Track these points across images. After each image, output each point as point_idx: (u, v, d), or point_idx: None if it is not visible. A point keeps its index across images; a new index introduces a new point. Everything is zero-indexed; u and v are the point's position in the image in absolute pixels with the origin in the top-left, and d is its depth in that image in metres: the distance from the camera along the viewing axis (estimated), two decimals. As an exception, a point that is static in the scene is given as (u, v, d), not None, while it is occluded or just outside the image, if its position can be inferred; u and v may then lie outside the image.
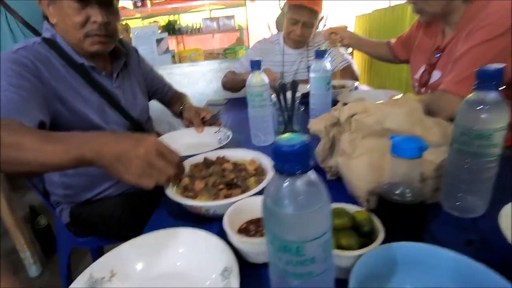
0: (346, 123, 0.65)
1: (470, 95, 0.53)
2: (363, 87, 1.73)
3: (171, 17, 3.69)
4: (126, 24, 3.21)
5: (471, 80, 0.49)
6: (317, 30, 1.89)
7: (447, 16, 1.05)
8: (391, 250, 0.44)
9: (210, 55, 3.27)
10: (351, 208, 0.54)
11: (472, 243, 0.52)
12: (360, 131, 0.64)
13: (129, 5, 3.30)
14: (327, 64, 1.05)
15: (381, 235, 0.47)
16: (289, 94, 0.86)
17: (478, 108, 0.51)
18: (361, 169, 0.62)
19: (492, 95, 0.50)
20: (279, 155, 0.29)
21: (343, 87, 1.49)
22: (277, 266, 0.32)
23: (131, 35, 2.65)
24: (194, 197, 0.64)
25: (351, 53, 3.76)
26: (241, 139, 1.04)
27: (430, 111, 1.06)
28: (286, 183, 0.29)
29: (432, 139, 0.61)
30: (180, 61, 3.17)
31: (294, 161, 0.29)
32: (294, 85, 0.82)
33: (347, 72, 1.71)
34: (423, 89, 1.20)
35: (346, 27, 1.65)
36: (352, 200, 0.64)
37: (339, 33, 1.47)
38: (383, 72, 2.90)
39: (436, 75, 1.15)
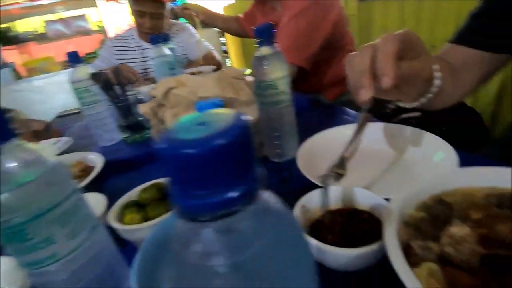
0: (164, 99, 0.64)
1: (256, 51, 0.59)
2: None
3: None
4: None
5: (296, 45, 0.56)
6: (179, 21, 1.85)
7: None
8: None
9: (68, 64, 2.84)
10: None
11: (285, 181, 0.60)
12: (180, 104, 0.64)
13: None
14: (166, 48, 1.03)
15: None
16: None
17: (263, 62, 0.57)
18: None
19: (269, 49, 0.57)
20: (176, 170, 0.13)
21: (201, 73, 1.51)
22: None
23: None
24: None
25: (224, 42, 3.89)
26: (89, 143, 0.93)
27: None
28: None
29: (245, 98, 0.66)
30: (30, 75, 2.65)
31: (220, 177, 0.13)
32: (117, 72, 0.76)
33: (209, 59, 1.74)
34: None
35: (197, 4, 1.67)
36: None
37: (192, 8, 1.48)
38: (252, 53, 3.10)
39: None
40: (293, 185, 0.57)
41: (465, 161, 0.45)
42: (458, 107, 1.03)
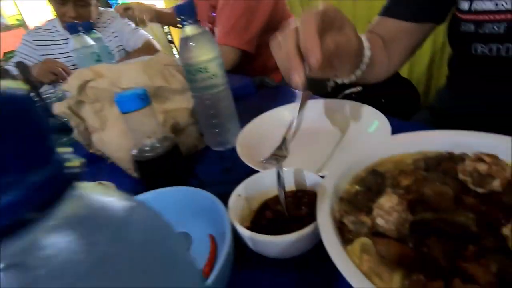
0: (82, 94, 0.56)
1: (181, 32, 0.53)
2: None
3: None
4: None
5: (236, 28, 0.51)
6: (111, 9, 1.68)
7: None
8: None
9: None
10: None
11: (228, 170, 0.56)
12: (102, 98, 0.56)
13: None
14: (88, 38, 0.92)
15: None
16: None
17: (189, 44, 0.52)
18: (116, 140, 0.56)
19: (195, 29, 0.52)
20: None
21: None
22: None
23: None
24: None
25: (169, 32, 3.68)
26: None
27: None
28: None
29: (177, 86, 0.60)
30: None
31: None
32: (22, 68, 0.65)
33: (148, 49, 1.62)
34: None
35: (139, 2, 1.52)
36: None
37: (135, 8, 1.34)
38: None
39: (218, 32, 1.22)
40: (236, 174, 0.53)
41: (400, 129, 0.45)
42: (395, 80, 1.09)
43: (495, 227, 0.24)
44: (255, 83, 1.11)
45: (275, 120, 0.60)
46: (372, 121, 0.52)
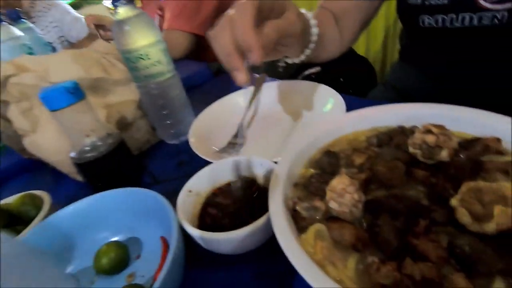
0: (3, 92, 0.48)
1: (115, 15, 0.47)
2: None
3: None
4: None
5: (186, 12, 0.45)
6: None
7: None
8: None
9: None
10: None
11: (182, 164, 0.53)
12: (28, 96, 0.49)
13: None
14: (16, 29, 0.81)
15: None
16: None
17: (124, 27, 0.46)
18: (52, 142, 0.50)
19: (130, 10, 0.46)
20: None
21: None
22: None
23: None
24: None
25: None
26: None
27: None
28: None
29: (119, 77, 0.55)
30: None
31: None
32: None
33: (95, 38, 1.48)
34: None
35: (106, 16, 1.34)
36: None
37: (107, 24, 1.21)
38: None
39: (167, 17, 1.14)
40: (193, 167, 0.50)
41: (356, 106, 0.44)
42: (352, 58, 1.09)
43: (444, 198, 0.24)
44: (212, 70, 1.06)
45: (230, 107, 0.57)
46: (327, 100, 0.51)
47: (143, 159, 0.57)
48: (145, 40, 0.47)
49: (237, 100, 0.58)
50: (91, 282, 0.33)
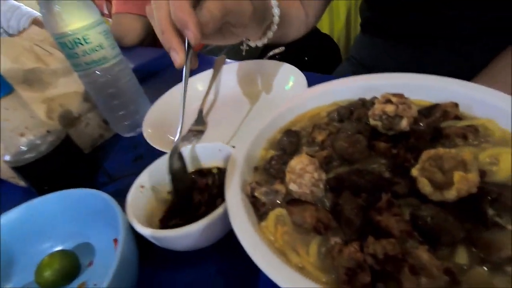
0: None
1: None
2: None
3: None
4: None
5: None
6: None
7: None
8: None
9: None
10: None
11: (140, 158, 0.49)
12: None
13: None
14: None
15: None
16: None
17: (54, 7, 0.40)
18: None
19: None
20: None
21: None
22: None
23: None
24: None
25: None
26: None
27: (119, 39, 0.97)
28: None
29: (57, 66, 0.49)
30: None
31: None
32: None
33: (39, 28, 1.34)
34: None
35: None
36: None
37: None
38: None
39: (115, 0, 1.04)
40: (151, 161, 0.47)
41: (319, 82, 0.43)
42: (316, 36, 1.08)
43: (406, 169, 0.23)
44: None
45: (188, 93, 0.53)
46: (288, 78, 0.49)
47: (97, 156, 0.52)
48: (81, 22, 0.41)
49: (195, 86, 0.54)
50: (37, 298, 0.29)
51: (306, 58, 0.94)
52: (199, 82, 0.55)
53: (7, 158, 0.40)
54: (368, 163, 0.26)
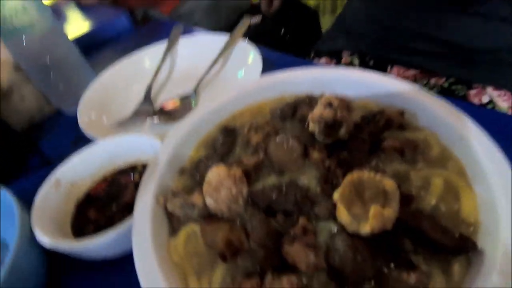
0: None
1: None
2: None
3: None
4: None
5: None
6: None
7: None
8: None
9: None
10: None
11: (80, 139, 0.44)
12: None
13: None
14: None
15: None
16: None
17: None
18: None
19: None
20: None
21: None
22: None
23: None
24: None
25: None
26: None
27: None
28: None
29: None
30: None
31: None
32: None
33: None
34: None
35: None
36: None
37: None
38: None
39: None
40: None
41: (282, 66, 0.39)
42: (298, 8, 1.00)
43: (333, 186, 0.21)
44: (138, 18, 0.90)
45: (135, 69, 0.48)
46: (245, 61, 0.44)
47: (32, 134, 0.47)
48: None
49: (142, 60, 0.49)
50: None
51: (282, 30, 0.88)
52: (148, 56, 0.49)
53: None
54: (301, 173, 0.23)
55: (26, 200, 0.28)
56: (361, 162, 0.22)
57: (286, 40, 0.86)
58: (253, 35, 0.52)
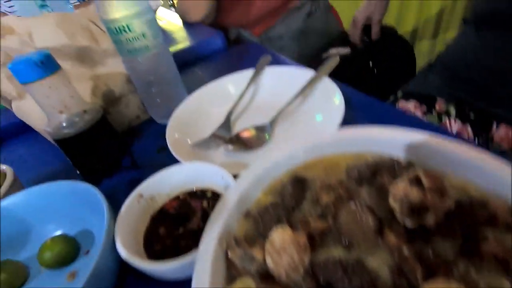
0: (-11, 55, 0.47)
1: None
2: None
3: None
4: None
5: None
6: None
7: None
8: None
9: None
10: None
11: (163, 149, 0.49)
12: (14, 61, 0.47)
13: None
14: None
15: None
16: None
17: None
18: (37, 110, 0.48)
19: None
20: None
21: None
22: None
23: None
24: None
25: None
26: None
27: (183, 15, 0.97)
28: None
29: (108, 46, 0.51)
30: None
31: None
32: None
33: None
34: None
35: None
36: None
37: None
38: None
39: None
40: (172, 156, 0.47)
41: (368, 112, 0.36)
42: (391, 39, 0.94)
43: (409, 283, 0.18)
44: (231, 38, 0.98)
45: (220, 93, 0.51)
46: (326, 102, 0.43)
47: (128, 137, 0.54)
48: (125, 10, 0.41)
49: (226, 87, 0.52)
50: (38, 272, 0.33)
51: (371, 63, 0.83)
52: (233, 82, 0.52)
53: (48, 129, 0.44)
54: (370, 253, 0.21)
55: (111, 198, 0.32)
56: (447, 264, 0.18)
57: (374, 73, 0.81)
58: (338, 64, 0.50)
